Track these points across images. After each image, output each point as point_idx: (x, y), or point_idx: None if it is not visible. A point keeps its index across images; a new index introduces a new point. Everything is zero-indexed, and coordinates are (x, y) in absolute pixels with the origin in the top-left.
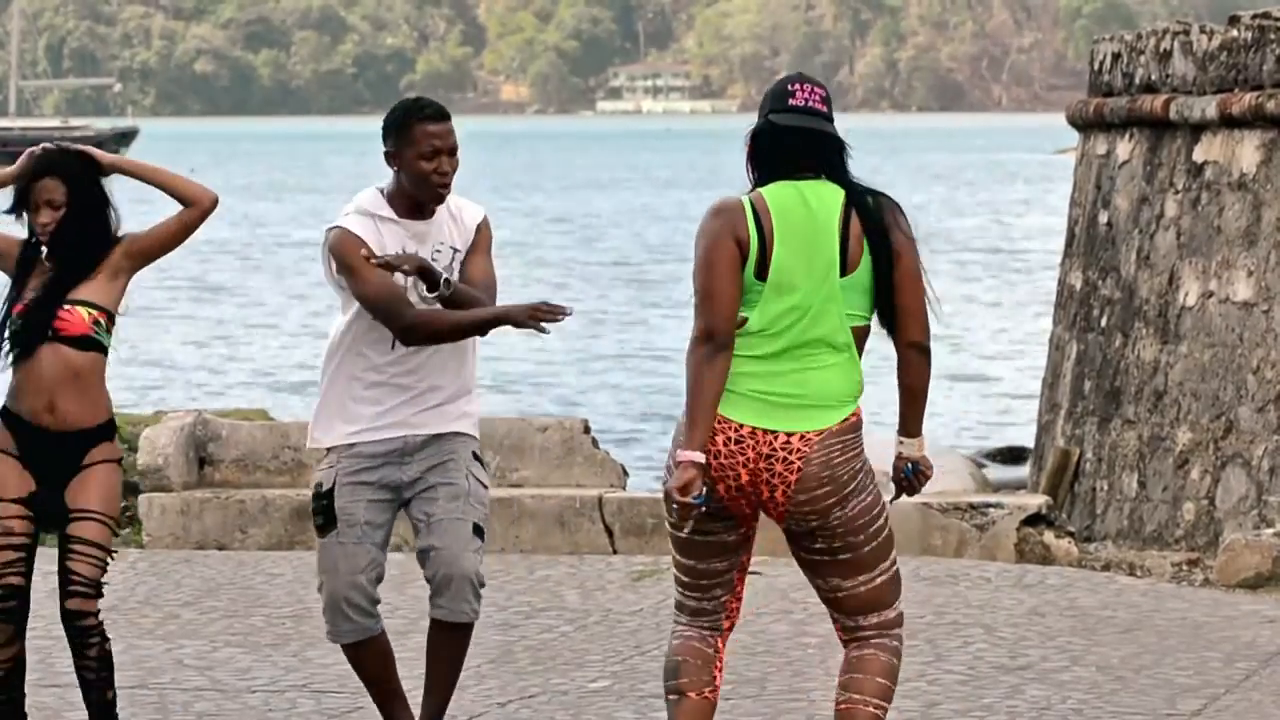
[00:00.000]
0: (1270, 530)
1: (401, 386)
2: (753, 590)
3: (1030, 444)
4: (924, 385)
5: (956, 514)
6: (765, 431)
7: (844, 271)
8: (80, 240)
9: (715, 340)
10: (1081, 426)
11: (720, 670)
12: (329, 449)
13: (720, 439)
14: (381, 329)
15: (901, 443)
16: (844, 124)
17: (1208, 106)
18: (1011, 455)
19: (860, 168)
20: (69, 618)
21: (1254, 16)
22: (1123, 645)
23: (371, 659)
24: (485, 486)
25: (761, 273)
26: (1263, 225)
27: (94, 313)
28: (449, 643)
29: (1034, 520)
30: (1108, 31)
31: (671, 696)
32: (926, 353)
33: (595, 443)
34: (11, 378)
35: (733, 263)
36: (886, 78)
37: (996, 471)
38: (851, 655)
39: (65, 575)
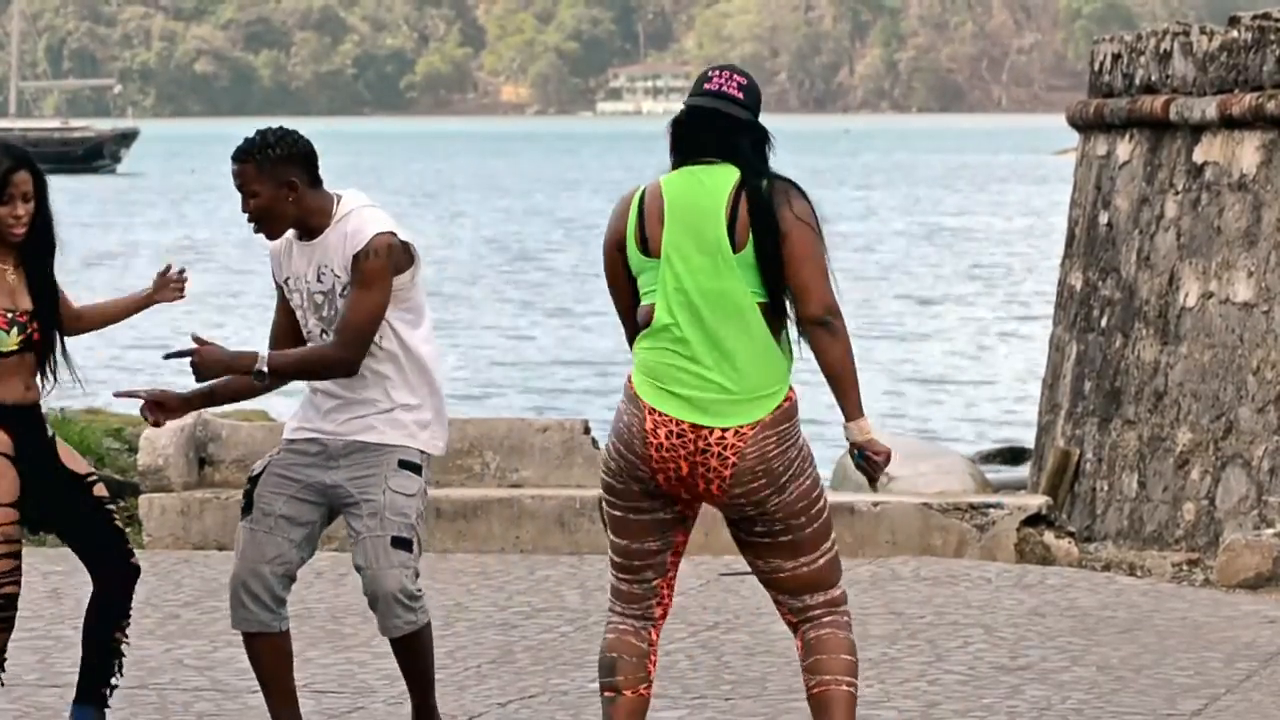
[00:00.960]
0: (1270, 530)
1: (333, 394)
2: (753, 590)
3: (1030, 444)
4: (839, 363)
5: (956, 514)
6: (700, 427)
7: (735, 249)
8: (51, 235)
9: (633, 351)
10: (1082, 427)
11: (654, 664)
12: (283, 437)
13: (663, 432)
14: (315, 337)
15: (845, 428)
16: (844, 124)
17: (1208, 107)
18: (1011, 455)
19: (855, 167)
20: (133, 572)
21: (1254, 17)
22: (1123, 645)
23: (266, 656)
24: (408, 495)
25: (647, 248)
26: (1263, 226)
27: None
28: (401, 654)
29: (1034, 520)
30: (1107, 32)
31: (607, 693)
32: (830, 328)
33: (595, 443)
34: None
35: (611, 270)
36: (886, 78)
37: (996, 472)
38: (809, 637)
39: (116, 535)
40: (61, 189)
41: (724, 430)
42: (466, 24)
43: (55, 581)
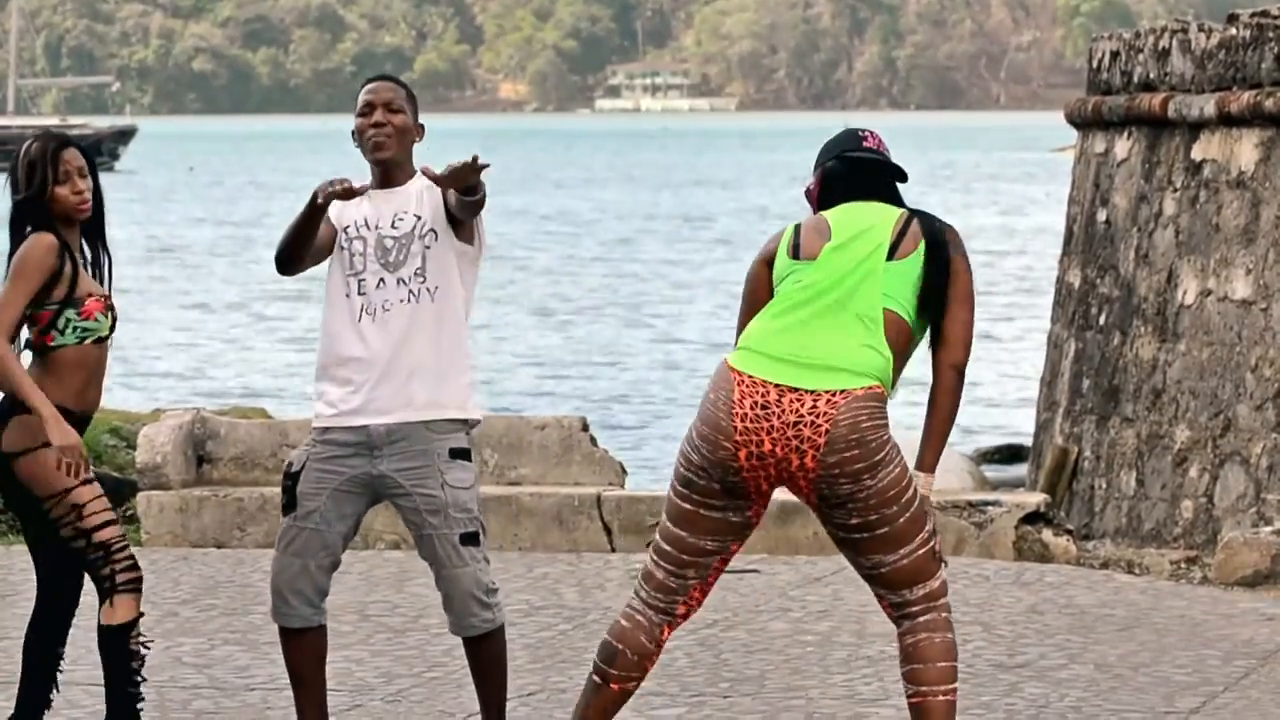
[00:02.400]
0: (1268, 528)
1: (366, 362)
2: (751, 588)
3: (1029, 442)
4: (948, 413)
5: (955, 512)
6: (792, 391)
7: (891, 256)
8: (102, 212)
9: (737, 344)
10: (1080, 424)
11: (653, 663)
12: (313, 427)
13: (748, 403)
14: (351, 300)
15: (915, 473)
16: (842, 122)
17: (1206, 105)
18: (1010, 453)
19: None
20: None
21: (1252, 15)
22: (1121, 643)
23: (302, 652)
24: (466, 488)
25: (797, 254)
26: (1261, 223)
27: None
28: (475, 654)
29: (1032, 518)
30: (1106, 29)
31: (595, 677)
32: (962, 377)
33: (594, 440)
34: (70, 374)
35: (755, 282)
36: (885, 76)
37: (995, 469)
38: (906, 643)
39: (76, 554)
40: None
41: (815, 396)
42: (465, 21)
43: None
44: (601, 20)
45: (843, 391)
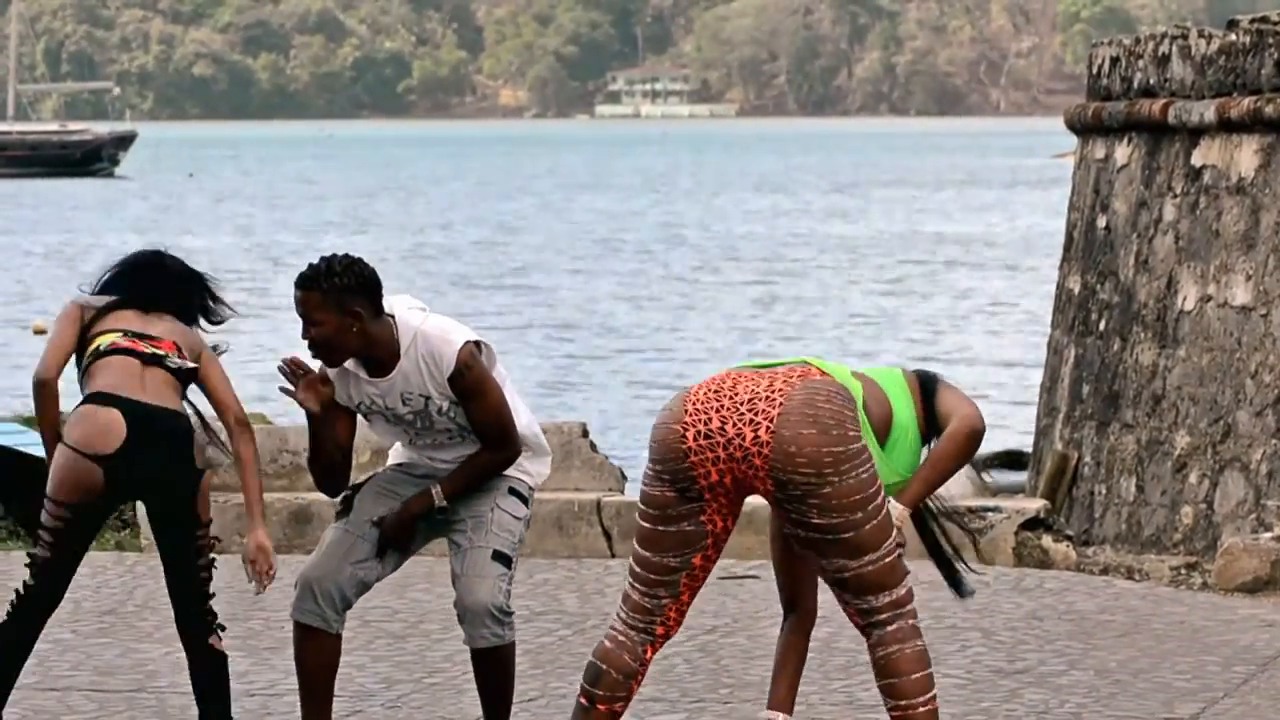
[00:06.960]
0: (1268, 534)
1: (432, 466)
2: (750, 594)
3: (1029, 448)
4: (953, 459)
5: (955, 518)
6: (751, 375)
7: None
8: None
9: None
10: (1080, 430)
11: (639, 683)
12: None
13: (702, 391)
14: (392, 433)
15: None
16: (842, 128)
17: (1206, 110)
18: (1010, 459)
19: (854, 168)
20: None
21: (1252, 20)
22: (1121, 649)
23: (315, 655)
24: (515, 517)
25: None
26: (1261, 229)
27: None
28: (481, 667)
29: (1032, 524)
30: (1106, 35)
31: (583, 699)
32: (973, 439)
33: (594, 446)
34: None
35: None
36: (885, 82)
37: (995, 475)
38: (879, 656)
39: None
40: (59, 192)
41: (773, 374)
42: (465, 27)
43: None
44: (601, 26)
45: (802, 374)
